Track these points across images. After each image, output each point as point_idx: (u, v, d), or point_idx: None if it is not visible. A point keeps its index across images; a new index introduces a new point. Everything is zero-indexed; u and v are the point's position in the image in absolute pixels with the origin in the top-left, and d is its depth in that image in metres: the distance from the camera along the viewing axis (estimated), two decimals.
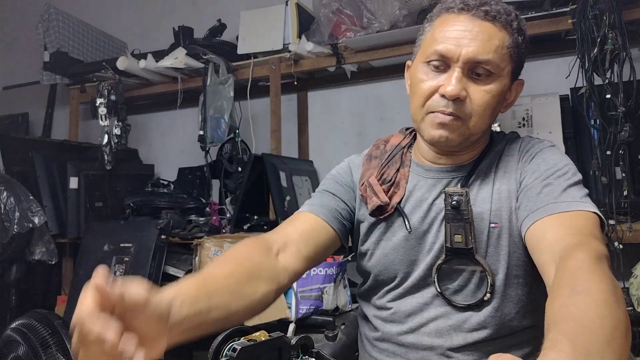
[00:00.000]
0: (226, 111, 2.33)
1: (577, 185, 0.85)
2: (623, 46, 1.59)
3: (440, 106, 0.86)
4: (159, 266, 2.11)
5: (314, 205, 0.99)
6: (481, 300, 0.87)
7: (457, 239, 0.86)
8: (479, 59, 0.84)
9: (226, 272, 0.75)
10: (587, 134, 1.82)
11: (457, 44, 0.85)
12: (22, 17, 3.47)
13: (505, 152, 0.96)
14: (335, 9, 2.17)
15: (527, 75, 2.55)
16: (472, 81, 0.86)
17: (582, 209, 0.79)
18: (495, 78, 0.87)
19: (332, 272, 1.54)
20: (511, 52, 0.88)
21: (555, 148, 0.94)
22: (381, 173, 0.99)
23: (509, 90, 0.92)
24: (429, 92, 0.88)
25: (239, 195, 2.18)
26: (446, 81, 0.85)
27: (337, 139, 2.61)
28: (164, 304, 0.59)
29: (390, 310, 0.95)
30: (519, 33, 0.89)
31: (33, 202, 2.21)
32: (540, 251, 0.77)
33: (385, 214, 0.96)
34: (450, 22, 0.87)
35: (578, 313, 0.57)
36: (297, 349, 0.60)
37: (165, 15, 3.10)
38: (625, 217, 1.62)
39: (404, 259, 0.94)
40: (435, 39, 0.88)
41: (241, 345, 0.55)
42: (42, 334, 1.83)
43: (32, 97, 3.33)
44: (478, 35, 0.84)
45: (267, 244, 0.87)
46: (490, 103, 0.87)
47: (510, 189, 0.90)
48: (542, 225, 0.79)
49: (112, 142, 2.42)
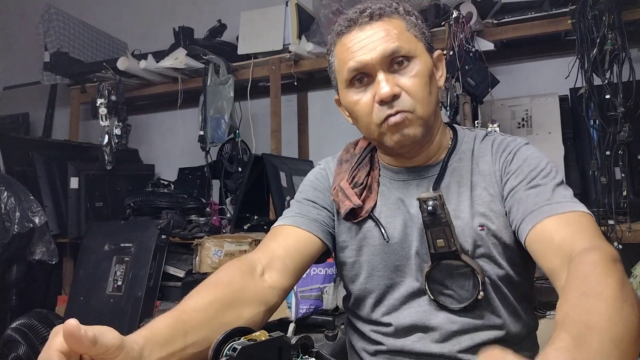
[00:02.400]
0: (226, 111, 2.33)
1: (563, 184, 0.85)
2: (622, 46, 1.59)
3: (386, 112, 0.86)
4: (159, 266, 2.11)
5: (294, 217, 0.96)
6: (476, 300, 0.85)
7: (439, 244, 0.85)
8: (389, 51, 0.85)
9: (204, 302, 0.71)
10: (587, 135, 1.83)
11: (364, 53, 0.85)
12: (22, 17, 3.47)
13: (477, 152, 0.94)
14: (335, 9, 2.17)
15: (527, 75, 2.56)
16: (398, 74, 0.86)
17: (578, 210, 0.78)
18: (414, 59, 0.87)
19: (332, 272, 1.54)
20: (413, 32, 0.89)
21: (530, 145, 0.93)
22: (352, 176, 0.97)
23: (433, 66, 0.92)
24: (368, 107, 0.87)
25: (239, 195, 2.19)
26: (377, 89, 0.85)
27: (337, 139, 2.60)
28: (136, 350, 0.56)
29: (390, 326, 0.92)
30: (409, 14, 0.91)
31: (33, 202, 2.21)
32: (549, 255, 0.76)
33: (359, 218, 0.94)
34: (346, 41, 0.88)
35: (587, 314, 0.55)
36: (297, 349, 0.60)
37: (166, 15, 3.10)
38: (625, 217, 1.63)
39: (388, 264, 0.92)
40: (344, 61, 0.88)
41: (241, 345, 0.55)
42: (43, 333, 1.83)
43: (33, 97, 3.34)
44: (377, 35, 0.86)
45: (250, 264, 0.84)
46: (422, 83, 0.87)
47: (493, 193, 0.89)
48: (544, 228, 0.78)
49: (112, 142, 2.42)
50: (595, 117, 1.67)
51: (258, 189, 2.19)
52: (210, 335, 0.64)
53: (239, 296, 0.77)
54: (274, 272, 0.86)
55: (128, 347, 0.55)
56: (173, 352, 0.62)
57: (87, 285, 2.17)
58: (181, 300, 0.72)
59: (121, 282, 2.10)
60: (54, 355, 0.50)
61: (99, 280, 2.14)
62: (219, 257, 2.00)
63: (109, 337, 0.52)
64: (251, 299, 0.79)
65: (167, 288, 2.15)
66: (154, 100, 2.98)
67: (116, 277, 2.12)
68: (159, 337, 0.61)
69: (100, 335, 0.51)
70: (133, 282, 2.07)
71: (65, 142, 2.74)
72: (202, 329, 0.67)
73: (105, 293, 2.11)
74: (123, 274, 2.12)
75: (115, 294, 2.09)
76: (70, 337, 0.50)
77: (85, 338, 0.50)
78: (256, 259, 0.86)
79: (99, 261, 2.19)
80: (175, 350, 0.63)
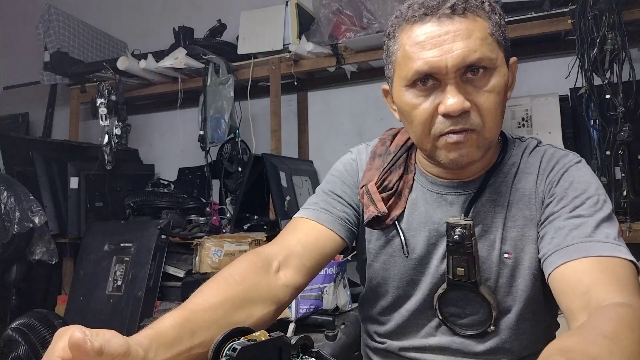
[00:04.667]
0: (226, 111, 2.33)
1: (610, 220, 0.76)
2: (622, 46, 1.59)
3: (448, 127, 0.75)
4: (159, 266, 2.11)
5: (319, 212, 0.90)
6: (485, 332, 0.82)
7: (459, 272, 0.79)
8: (469, 62, 0.72)
9: (214, 302, 0.68)
10: (587, 134, 1.83)
11: (438, 55, 0.73)
12: (22, 17, 3.47)
13: (523, 167, 0.84)
14: (335, 9, 2.17)
15: (527, 75, 2.55)
16: (471, 85, 0.75)
17: (619, 256, 0.70)
18: (492, 72, 0.75)
19: (332, 271, 1.54)
20: (497, 37, 0.76)
21: (582, 165, 0.82)
22: (382, 179, 0.89)
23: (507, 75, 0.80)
24: (428, 116, 0.76)
25: (239, 195, 2.18)
26: (443, 98, 0.74)
27: (337, 139, 2.61)
28: (141, 355, 0.55)
29: (393, 330, 0.91)
30: (494, 11, 0.77)
31: (33, 202, 2.21)
32: (572, 296, 0.68)
33: (382, 226, 0.88)
34: (418, 33, 0.75)
35: (594, 350, 0.50)
36: (297, 349, 0.60)
37: (166, 15, 3.10)
38: (625, 217, 1.62)
39: (404, 277, 0.89)
40: (410, 57, 0.75)
41: (241, 345, 0.55)
42: (42, 333, 1.83)
43: (33, 97, 3.33)
44: (456, 36, 0.72)
45: (266, 259, 0.80)
46: (497, 101, 0.76)
47: (528, 216, 0.81)
48: (576, 267, 0.70)
49: (112, 142, 2.42)
50: (596, 117, 1.66)
51: (258, 189, 2.19)
52: (217, 334, 0.61)
53: (251, 295, 0.73)
54: (290, 269, 0.81)
55: (133, 352, 0.53)
56: (179, 352, 0.61)
57: (87, 285, 2.17)
58: (183, 299, 0.70)
59: (121, 282, 2.10)
60: None
61: (99, 280, 2.14)
62: (218, 257, 2.00)
63: (115, 344, 0.51)
64: (263, 297, 0.75)
65: (167, 288, 2.15)
66: (154, 100, 2.98)
67: (116, 277, 2.12)
68: (165, 337, 0.60)
69: (106, 344, 0.50)
70: (133, 282, 2.07)
71: (65, 142, 2.74)
72: (210, 329, 0.65)
73: (105, 293, 2.11)
74: (123, 274, 2.11)
75: (115, 294, 2.09)
76: (77, 349, 0.48)
77: (92, 350, 0.48)
78: (273, 253, 0.82)
79: (98, 261, 2.19)
80: (181, 350, 0.61)
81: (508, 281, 0.82)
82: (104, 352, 0.49)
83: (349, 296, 1.60)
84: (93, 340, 0.49)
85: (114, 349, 0.51)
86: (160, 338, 0.59)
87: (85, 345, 0.48)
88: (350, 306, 1.59)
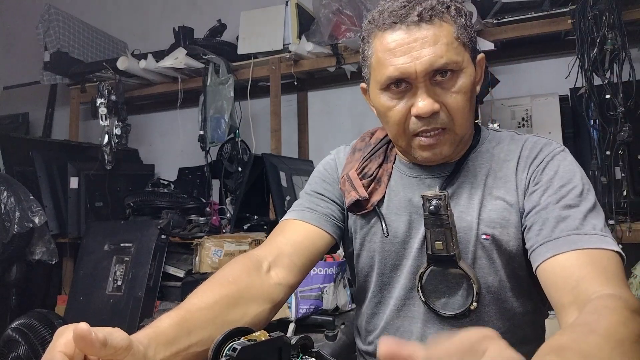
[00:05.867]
0: (226, 111, 2.33)
1: (595, 209, 0.78)
2: (622, 46, 1.59)
3: (421, 127, 0.81)
4: (159, 266, 2.11)
5: (303, 211, 0.93)
6: (468, 309, 0.83)
7: (437, 246, 0.81)
8: (436, 67, 0.77)
9: (209, 301, 0.70)
10: (587, 134, 1.83)
11: (408, 61, 0.77)
12: (22, 17, 3.47)
13: (499, 154, 0.88)
14: (335, 9, 2.17)
15: (527, 75, 2.55)
16: (439, 87, 0.80)
17: (606, 247, 0.72)
18: (459, 73, 0.80)
19: (332, 271, 1.54)
20: (463, 39, 0.80)
21: (566, 153, 0.85)
22: (362, 167, 0.93)
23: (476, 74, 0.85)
24: (402, 117, 0.82)
25: (239, 195, 2.18)
26: (415, 101, 0.79)
27: (337, 139, 2.61)
28: (142, 351, 0.56)
29: (380, 324, 0.92)
30: (460, 14, 0.81)
31: (33, 202, 2.21)
32: (562, 291, 0.71)
33: (363, 211, 0.91)
34: (389, 40, 0.80)
35: (587, 348, 0.51)
36: (297, 349, 0.60)
37: (166, 15, 3.10)
38: (625, 217, 1.63)
39: (387, 262, 0.90)
40: (383, 64, 0.80)
41: (241, 345, 0.55)
42: (42, 333, 1.83)
43: (33, 97, 3.34)
44: (424, 42, 0.77)
45: (257, 261, 0.82)
46: (465, 100, 0.81)
47: (509, 200, 0.84)
48: (565, 261, 0.72)
49: (112, 142, 2.43)
50: (595, 117, 1.67)
51: (258, 189, 2.19)
52: (214, 333, 0.64)
53: (245, 294, 0.75)
54: (281, 268, 0.84)
55: (135, 347, 0.55)
56: (177, 351, 0.62)
57: (87, 285, 2.17)
58: (183, 299, 0.72)
59: (121, 282, 2.10)
60: (57, 357, 0.50)
61: (99, 280, 2.14)
62: (218, 257, 2.00)
63: (118, 338, 0.52)
64: (257, 296, 0.77)
65: (167, 288, 2.15)
66: (154, 100, 2.98)
67: (116, 277, 2.12)
68: (164, 337, 0.61)
69: (109, 337, 0.51)
70: (133, 282, 2.07)
71: (65, 142, 2.74)
72: (207, 328, 0.66)
73: (105, 293, 2.11)
74: (123, 274, 2.11)
75: (115, 294, 2.09)
76: (82, 340, 0.50)
77: (96, 341, 0.50)
78: (262, 255, 0.84)
79: (98, 261, 2.19)
80: (180, 349, 0.62)
81: (487, 262, 0.84)
82: (108, 344, 0.51)
83: (349, 296, 1.61)
84: (97, 332, 0.50)
85: (117, 342, 0.52)
86: (159, 337, 0.61)
87: (90, 335, 0.49)
88: (350, 306, 1.59)
